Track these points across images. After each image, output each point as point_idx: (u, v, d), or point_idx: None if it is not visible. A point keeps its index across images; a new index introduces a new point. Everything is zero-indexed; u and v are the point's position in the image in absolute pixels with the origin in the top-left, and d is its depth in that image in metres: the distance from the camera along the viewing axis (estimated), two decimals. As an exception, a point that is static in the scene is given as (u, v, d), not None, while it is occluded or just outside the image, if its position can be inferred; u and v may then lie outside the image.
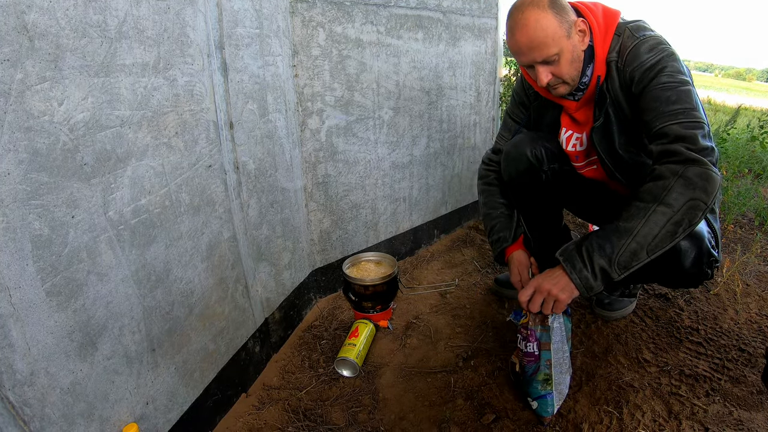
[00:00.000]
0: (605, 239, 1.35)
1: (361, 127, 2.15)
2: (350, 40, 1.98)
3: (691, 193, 1.27)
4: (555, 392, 1.49)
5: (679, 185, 1.28)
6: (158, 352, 1.22)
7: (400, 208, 2.54)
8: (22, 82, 0.81)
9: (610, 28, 1.50)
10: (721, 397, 1.56)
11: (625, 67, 1.46)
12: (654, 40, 1.43)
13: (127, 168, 1.06)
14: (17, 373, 0.85)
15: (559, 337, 1.49)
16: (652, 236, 1.29)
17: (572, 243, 1.42)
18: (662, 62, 1.39)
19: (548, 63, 1.48)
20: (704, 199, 1.27)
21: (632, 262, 1.32)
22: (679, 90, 1.36)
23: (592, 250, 1.35)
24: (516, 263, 1.77)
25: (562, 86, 1.55)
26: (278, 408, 1.60)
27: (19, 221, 0.83)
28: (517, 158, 1.78)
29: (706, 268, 1.52)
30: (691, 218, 1.28)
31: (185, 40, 1.20)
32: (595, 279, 1.35)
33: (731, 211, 3.13)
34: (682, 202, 1.28)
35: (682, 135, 1.32)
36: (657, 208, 1.30)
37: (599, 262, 1.33)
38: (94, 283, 1.01)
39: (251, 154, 1.58)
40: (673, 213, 1.28)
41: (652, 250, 1.30)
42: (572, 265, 1.37)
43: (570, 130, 1.74)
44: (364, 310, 2.04)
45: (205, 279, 1.40)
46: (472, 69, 2.75)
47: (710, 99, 14.01)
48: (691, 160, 1.29)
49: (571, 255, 1.39)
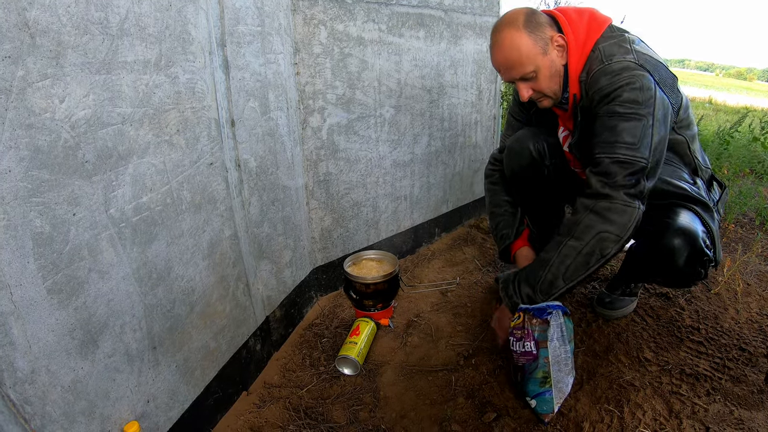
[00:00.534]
0: (531, 270, 1.54)
1: (362, 125, 2.15)
2: (352, 38, 1.98)
3: (601, 225, 1.38)
4: (554, 390, 1.50)
5: (588, 219, 1.40)
6: (159, 350, 1.22)
7: (401, 206, 2.54)
8: (24, 79, 0.80)
9: (588, 44, 1.50)
10: (721, 397, 1.55)
11: (588, 89, 1.48)
12: (619, 65, 1.41)
13: (128, 165, 1.06)
14: (18, 371, 0.85)
15: (557, 335, 1.50)
16: (565, 267, 1.44)
17: (512, 272, 1.64)
18: (618, 90, 1.39)
19: (527, 80, 1.53)
20: (614, 231, 1.37)
21: (552, 289, 1.48)
22: (627, 122, 1.37)
23: (521, 279, 1.56)
24: (522, 258, 1.86)
25: (545, 100, 1.60)
26: (279, 406, 1.60)
27: (20, 219, 0.83)
28: (519, 152, 1.82)
29: (699, 267, 1.53)
30: (602, 249, 1.39)
31: (187, 38, 1.20)
32: (523, 302, 1.54)
33: (732, 210, 3.12)
34: (591, 234, 1.39)
35: (605, 170, 1.39)
36: (568, 242, 1.44)
37: (525, 290, 1.54)
38: (96, 281, 1.01)
39: (253, 152, 1.57)
40: (582, 246, 1.41)
41: (568, 279, 1.45)
42: (506, 292, 1.61)
43: (566, 130, 1.77)
44: (365, 309, 2.04)
45: (207, 277, 1.40)
46: (474, 67, 2.75)
47: (711, 98, 13.98)
48: (602, 195, 1.38)
49: (507, 284, 1.61)
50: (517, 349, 1.54)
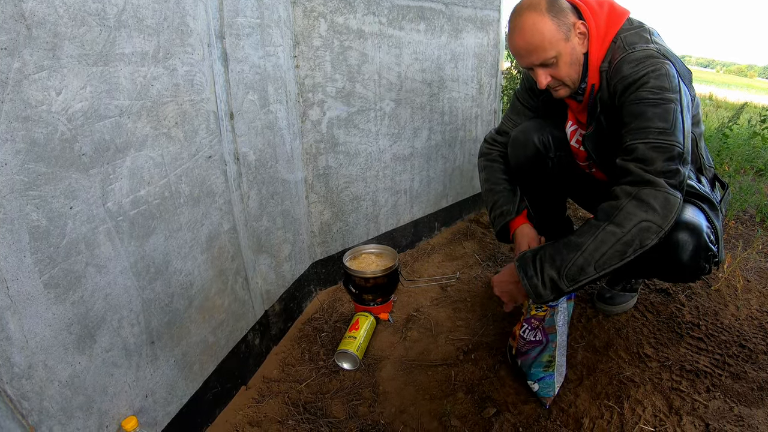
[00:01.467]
0: (557, 251, 1.39)
1: (362, 118, 2.14)
2: (352, 31, 1.96)
3: (644, 214, 1.29)
4: (556, 374, 1.51)
5: (631, 206, 1.30)
6: (157, 345, 1.22)
7: (401, 200, 2.53)
8: (20, 71, 0.79)
9: (609, 34, 1.48)
10: (721, 393, 1.55)
11: (611, 78, 1.45)
12: (643, 53, 1.39)
13: (126, 158, 1.05)
14: (15, 366, 0.84)
15: (563, 320, 1.52)
16: (600, 253, 1.32)
17: (530, 250, 1.47)
18: (645, 77, 1.35)
19: (546, 66, 1.48)
20: (658, 221, 1.28)
21: (580, 276, 1.35)
22: (657, 108, 1.33)
23: (545, 260, 1.40)
24: (523, 236, 1.76)
25: (562, 89, 1.55)
26: (278, 401, 1.60)
27: (16, 212, 0.82)
28: (524, 143, 1.79)
29: (704, 262, 1.50)
30: (642, 239, 1.30)
31: (185, 30, 1.19)
32: (545, 288, 1.39)
33: (732, 207, 3.12)
34: (633, 222, 1.29)
35: (642, 156, 1.33)
36: (607, 227, 1.32)
37: (549, 272, 1.38)
38: (93, 275, 1.00)
39: (252, 145, 1.56)
40: (622, 233, 1.30)
41: (600, 267, 1.33)
42: (525, 271, 1.43)
43: (575, 124, 1.75)
44: (365, 303, 2.03)
45: (205, 271, 1.39)
46: (474, 61, 2.73)
47: (712, 95, 13.98)
48: (645, 182, 1.30)
49: (525, 262, 1.44)
50: (527, 337, 1.54)
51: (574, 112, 1.71)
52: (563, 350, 1.54)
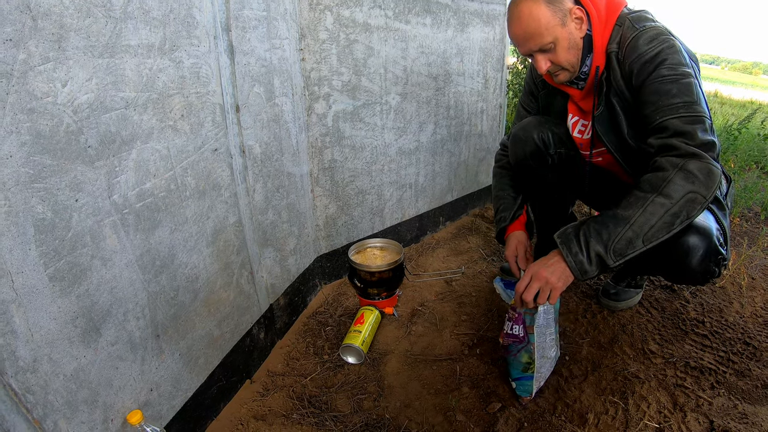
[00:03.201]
0: (603, 225, 1.35)
1: (368, 112, 2.13)
2: (358, 24, 1.95)
3: (691, 186, 1.28)
4: (536, 374, 1.51)
5: (678, 177, 1.29)
6: (163, 338, 1.22)
7: (406, 194, 2.52)
8: (25, 63, 0.79)
9: (611, 18, 1.50)
10: (725, 390, 1.54)
11: (625, 59, 1.46)
12: (654, 31, 1.41)
13: (131, 151, 1.05)
14: (20, 360, 0.84)
15: (543, 321, 1.49)
16: (649, 226, 1.30)
17: (570, 226, 1.43)
18: (662, 54, 1.37)
19: (545, 51, 1.50)
20: (703, 192, 1.28)
21: (628, 249, 1.32)
22: (680, 83, 1.34)
23: (590, 235, 1.36)
24: (514, 239, 1.80)
25: (562, 73, 1.57)
26: (283, 395, 1.60)
27: (21, 205, 0.81)
28: (524, 140, 1.81)
29: (713, 266, 1.50)
30: (689, 211, 1.29)
31: (191, 22, 1.18)
32: (590, 264, 1.35)
33: (738, 204, 3.10)
34: (681, 194, 1.28)
35: (681, 130, 1.32)
36: (655, 199, 1.31)
37: (595, 247, 1.34)
38: (98, 268, 1.00)
39: (257, 138, 1.56)
40: (671, 204, 1.29)
41: (648, 240, 1.31)
42: (569, 248, 1.38)
43: (576, 116, 1.75)
44: (370, 297, 2.03)
45: (210, 264, 1.39)
46: (480, 55, 2.72)
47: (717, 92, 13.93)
48: (691, 154, 1.30)
49: (568, 238, 1.40)
50: (508, 330, 1.54)
51: (576, 101, 1.71)
52: (544, 352, 1.52)
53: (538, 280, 1.41)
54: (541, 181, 1.90)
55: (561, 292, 1.41)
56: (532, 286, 1.41)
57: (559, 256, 1.41)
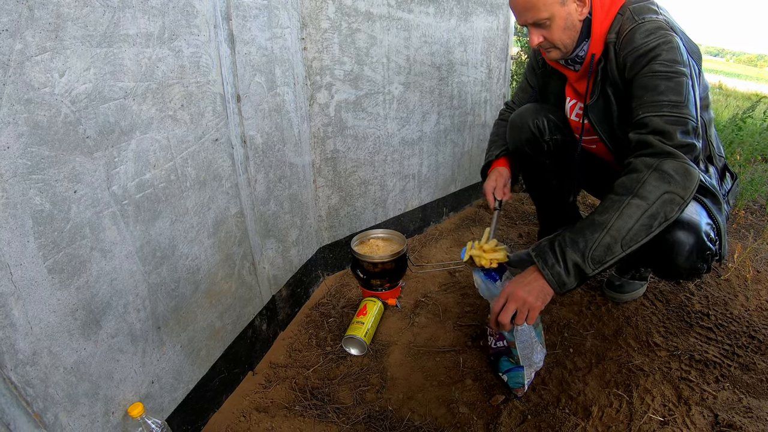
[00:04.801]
0: (578, 233, 1.30)
1: (370, 102, 2.11)
2: (360, 13, 1.93)
3: (667, 186, 1.25)
4: (525, 366, 1.51)
5: (653, 178, 1.27)
6: (164, 330, 1.21)
7: (409, 185, 2.51)
8: (22, 53, 0.77)
9: (614, 6, 1.48)
10: (730, 384, 1.54)
11: (621, 50, 1.44)
12: (653, 24, 1.38)
13: (131, 141, 1.03)
14: (19, 353, 0.83)
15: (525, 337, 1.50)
16: (627, 229, 1.26)
17: (545, 239, 1.37)
18: (657, 49, 1.34)
19: (539, 26, 1.50)
20: (680, 192, 1.25)
21: (606, 256, 1.27)
22: (671, 80, 1.32)
23: (565, 245, 1.30)
24: (495, 173, 1.88)
25: (554, 51, 1.56)
26: (285, 386, 1.59)
27: (19, 196, 0.80)
28: (520, 127, 1.84)
29: (701, 262, 1.46)
30: (667, 212, 1.25)
31: (191, 10, 1.16)
32: (568, 275, 1.29)
33: (743, 197, 3.08)
34: (657, 194, 1.25)
35: (660, 129, 1.30)
36: (631, 201, 1.27)
37: (572, 257, 1.28)
38: (98, 260, 0.99)
39: (259, 128, 1.54)
40: (647, 206, 1.25)
41: (627, 244, 1.26)
42: (544, 260, 1.32)
43: (573, 99, 1.75)
44: (373, 288, 2.02)
45: (212, 255, 1.38)
46: (484, 45, 2.69)
47: (722, 84, 13.85)
48: (666, 153, 1.28)
49: (543, 251, 1.33)
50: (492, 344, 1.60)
51: (572, 83, 1.71)
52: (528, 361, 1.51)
53: (515, 300, 1.33)
54: (538, 169, 1.92)
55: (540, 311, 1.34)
56: (508, 307, 1.33)
57: (535, 271, 1.34)
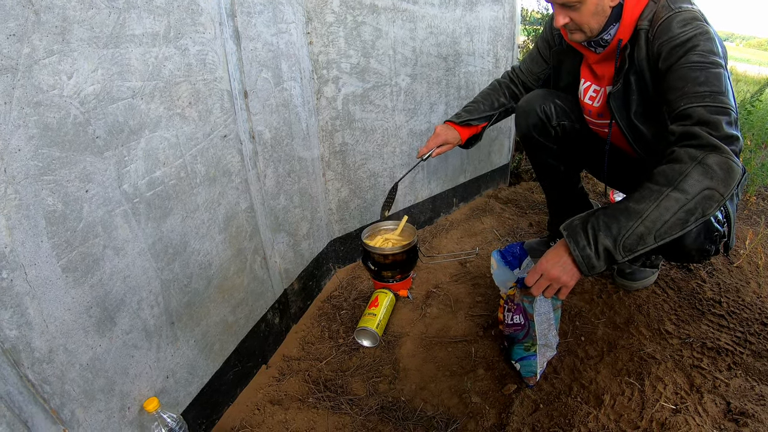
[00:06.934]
0: (613, 218, 1.28)
1: (377, 94, 2.11)
2: (365, 6, 1.92)
3: (709, 182, 1.20)
4: (539, 355, 1.52)
5: (696, 172, 1.21)
6: (177, 326, 1.23)
7: (418, 176, 2.51)
8: (30, 57, 0.78)
9: None
10: (743, 372, 1.52)
11: (655, 39, 1.40)
12: (689, 14, 1.34)
13: (140, 140, 1.05)
14: (35, 351, 0.85)
15: (543, 309, 1.50)
16: (662, 222, 1.23)
17: (578, 218, 1.35)
18: (694, 40, 1.31)
19: (568, 7, 1.46)
20: (721, 190, 1.20)
21: (638, 246, 1.25)
22: (709, 71, 1.28)
23: (598, 228, 1.28)
24: (443, 128, 1.97)
25: (578, 33, 1.54)
26: (298, 379, 1.61)
27: (32, 197, 0.82)
28: (528, 112, 1.84)
29: (709, 243, 1.45)
30: (705, 208, 1.22)
31: (196, 9, 1.17)
32: (598, 259, 1.28)
33: (754, 182, 3.04)
34: (697, 189, 1.21)
35: (705, 119, 1.25)
36: (670, 193, 1.23)
37: (604, 242, 1.27)
38: (111, 258, 1.00)
39: (267, 123, 1.55)
40: (686, 200, 1.21)
41: (660, 236, 1.24)
42: (575, 241, 1.30)
43: (588, 81, 1.73)
44: (384, 280, 2.03)
45: (223, 251, 1.39)
46: (490, 35, 2.67)
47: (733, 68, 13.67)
48: (712, 147, 1.22)
49: (575, 230, 1.32)
50: (508, 320, 1.55)
51: (589, 64, 1.68)
52: (546, 340, 1.52)
53: (549, 278, 1.35)
54: (547, 154, 1.91)
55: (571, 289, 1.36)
56: (541, 283, 1.36)
57: (564, 248, 1.34)
